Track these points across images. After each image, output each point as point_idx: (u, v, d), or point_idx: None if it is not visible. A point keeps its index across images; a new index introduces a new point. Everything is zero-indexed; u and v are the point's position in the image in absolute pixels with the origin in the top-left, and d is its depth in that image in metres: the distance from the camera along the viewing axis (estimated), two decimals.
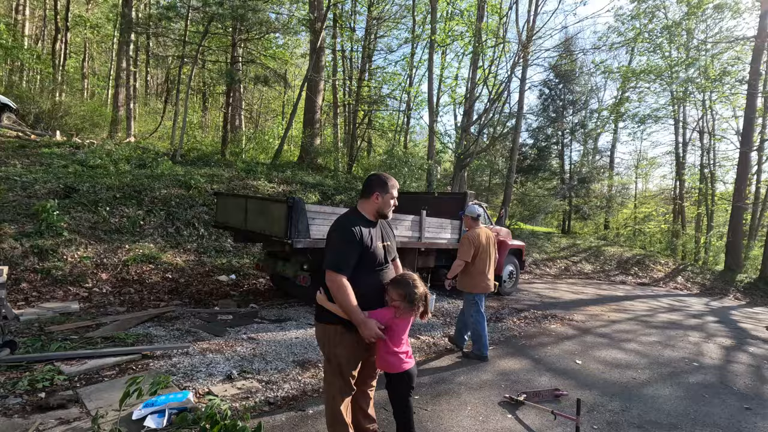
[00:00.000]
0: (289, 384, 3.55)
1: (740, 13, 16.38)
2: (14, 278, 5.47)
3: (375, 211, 2.37)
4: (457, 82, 18.80)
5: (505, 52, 13.15)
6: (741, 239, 15.95)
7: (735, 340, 6.64)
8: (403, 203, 8.05)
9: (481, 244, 4.64)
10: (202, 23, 14.40)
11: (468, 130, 14.49)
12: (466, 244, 4.64)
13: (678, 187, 23.21)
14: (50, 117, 14.18)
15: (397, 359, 2.29)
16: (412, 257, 6.56)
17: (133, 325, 4.67)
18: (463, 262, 4.63)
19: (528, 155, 22.85)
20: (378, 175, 2.42)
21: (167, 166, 10.50)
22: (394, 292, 2.23)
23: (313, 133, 16.08)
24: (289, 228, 4.84)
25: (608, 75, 21.44)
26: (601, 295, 10.18)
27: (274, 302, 6.35)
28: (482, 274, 4.64)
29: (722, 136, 21.33)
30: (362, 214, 2.38)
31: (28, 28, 22.08)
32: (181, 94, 15.78)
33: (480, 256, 4.64)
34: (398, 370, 2.31)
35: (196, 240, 8.10)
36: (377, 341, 2.23)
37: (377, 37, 20.86)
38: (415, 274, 2.31)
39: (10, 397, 2.93)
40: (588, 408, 3.53)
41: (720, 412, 3.74)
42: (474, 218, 4.82)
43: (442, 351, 4.85)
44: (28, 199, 7.13)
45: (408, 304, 2.20)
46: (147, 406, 2.79)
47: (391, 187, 2.38)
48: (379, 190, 2.35)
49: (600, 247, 17.16)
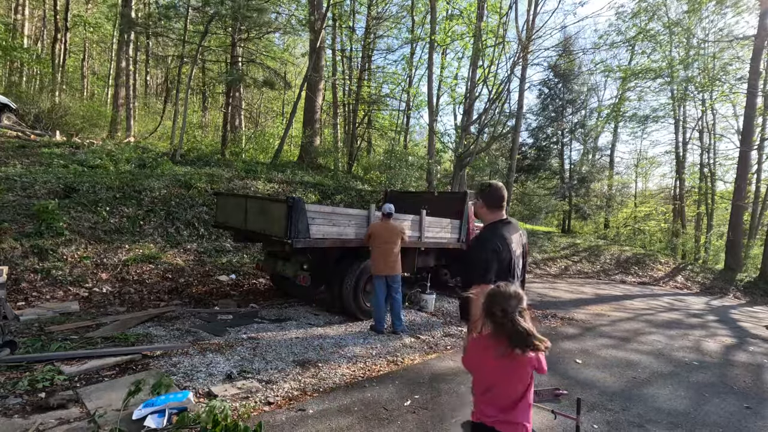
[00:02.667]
0: (289, 384, 3.55)
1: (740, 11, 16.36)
2: (14, 278, 5.46)
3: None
4: (456, 81, 18.80)
5: (505, 51, 13.13)
6: (741, 238, 15.95)
7: (735, 339, 6.64)
8: (403, 203, 8.07)
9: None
10: (201, 23, 14.39)
11: (468, 129, 14.48)
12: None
13: (678, 186, 23.22)
14: (50, 117, 14.17)
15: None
16: (412, 257, 6.55)
17: (133, 325, 4.67)
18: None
19: (528, 155, 22.83)
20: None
21: (167, 166, 10.49)
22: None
23: (313, 132, 16.08)
24: (289, 228, 4.84)
25: (608, 74, 21.47)
26: (601, 295, 10.18)
27: (274, 302, 6.35)
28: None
29: (722, 135, 21.37)
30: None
31: (28, 28, 22.06)
32: (181, 94, 15.78)
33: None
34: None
35: (196, 240, 8.10)
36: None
37: (377, 37, 20.85)
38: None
39: (11, 397, 2.93)
40: (588, 407, 3.53)
41: (720, 411, 3.74)
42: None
43: (441, 350, 4.85)
44: (27, 200, 7.12)
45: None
46: (147, 405, 2.79)
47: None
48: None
49: (600, 247, 17.16)
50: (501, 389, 1.68)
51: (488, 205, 2.36)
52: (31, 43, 22.03)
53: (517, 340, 1.60)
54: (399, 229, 5.32)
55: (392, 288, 5.27)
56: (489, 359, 1.67)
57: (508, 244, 2.22)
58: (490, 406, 1.69)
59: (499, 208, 2.37)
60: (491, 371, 1.70)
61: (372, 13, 19.35)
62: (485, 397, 1.72)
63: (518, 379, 1.66)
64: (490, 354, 1.65)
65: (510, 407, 1.66)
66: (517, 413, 1.66)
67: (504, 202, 2.37)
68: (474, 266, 2.17)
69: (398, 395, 3.49)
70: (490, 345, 1.67)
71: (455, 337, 5.41)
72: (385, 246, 5.20)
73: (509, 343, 1.61)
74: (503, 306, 1.66)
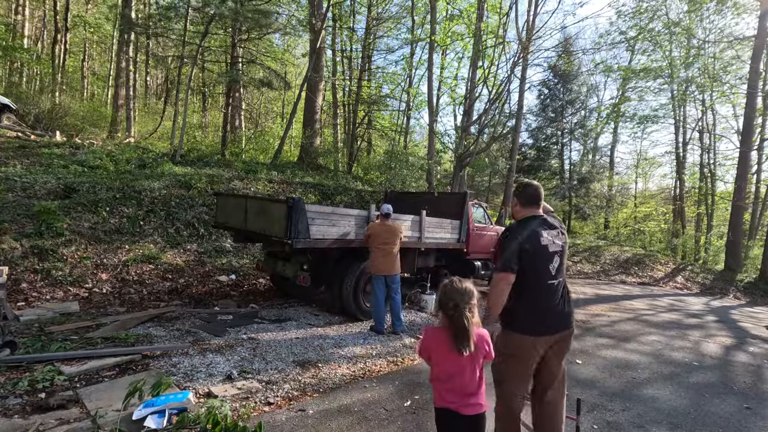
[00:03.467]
0: (289, 384, 3.55)
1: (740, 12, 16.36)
2: (14, 279, 5.46)
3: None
4: (456, 82, 18.79)
5: (505, 52, 13.13)
6: (741, 239, 15.94)
7: (735, 340, 6.64)
8: (403, 203, 8.08)
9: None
10: (201, 23, 14.40)
11: (468, 130, 14.48)
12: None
13: (678, 187, 23.22)
14: (50, 117, 14.17)
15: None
16: (412, 257, 6.55)
17: (133, 325, 4.67)
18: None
19: (528, 155, 22.84)
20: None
21: (167, 166, 10.50)
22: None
23: (313, 133, 16.08)
24: (289, 228, 4.84)
25: (608, 74, 21.48)
26: (601, 295, 10.18)
27: (274, 302, 6.35)
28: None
29: (722, 135, 21.37)
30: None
31: (28, 29, 22.06)
32: (181, 95, 15.79)
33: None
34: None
35: (196, 240, 8.10)
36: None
37: (377, 37, 20.86)
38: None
39: (11, 398, 2.93)
40: (588, 407, 3.53)
41: (720, 411, 3.74)
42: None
43: None
44: (28, 200, 7.13)
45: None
46: (147, 406, 2.79)
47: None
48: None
49: (600, 247, 17.16)
50: (461, 378, 1.82)
51: (521, 203, 2.49)
52: (31, 44, 22.04)
53: (459, 338, 1.77)
54: (398, 230, 5.33)
55: (392, 288, 5.27)
56: (444, 351, 1.82)
57: (537, 238, 2.30)
58: (451, 392, 1.83)
59: (533, 205, 2.46)
60: (450, 362, 1.82)
61: (372, 13, 19.36)
62: (447, 386, 1.84)
63: (474, 368, 1.83)
64: (446, 347, 1.80)
65: (471, 393, 1.82)
66: (478, 396, 1.83)
67: (538, 200, 2.46)
68: (498, 256, 2.32)
69: (398, 395, 3.49)
70: (444, 338, 1.83)
71: None
72: (384, 246, 5.21)
73: (454, 339, 1.78)
74: (456, 300, 1.80)
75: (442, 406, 1.86)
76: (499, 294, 2.25)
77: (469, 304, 1.80)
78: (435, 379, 1.90)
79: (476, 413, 1.81)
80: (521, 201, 2.49)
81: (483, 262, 7.95)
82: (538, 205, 2.47)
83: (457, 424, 1.82)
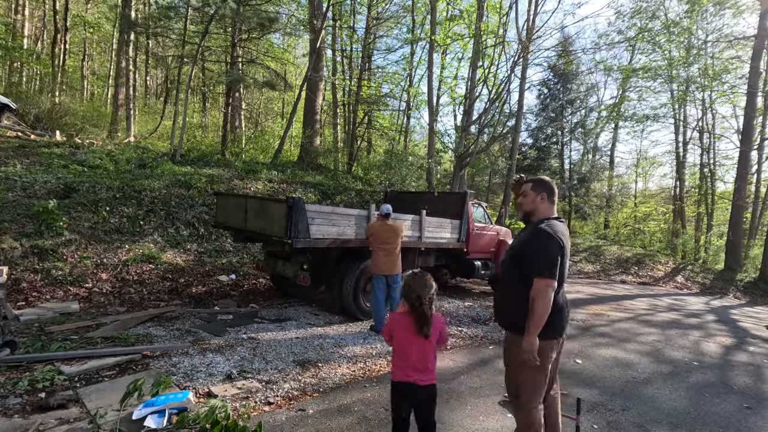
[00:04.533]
0: (289, 384, 3.55)
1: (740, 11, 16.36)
2: (14, 278, 5.46)
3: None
4: (456, 81, 18.79)
5: (505, 51, 13.13)
6: (741, 238, 15.95)
7: (735, 340, 6.64)
8: (403, 203, 8.08)
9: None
10: (201, 23, 14.39)
11: (468, 129, 14.48)
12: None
13: (678, 186, 23.21)
14: (50, 117, 14.16)
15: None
16: (412, 257, 6.55)
17: (133, 325, 4.67)
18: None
19: (528, 155, 22.83)
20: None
21: (167, 166, 10.49)
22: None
23: (313, 133, 16.08)
24: (289, 228, 4.84)
25: (608, 74, 21.48)
26: (601, 295, 10.18)
27: (274, 302, 6.35)
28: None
29: (722, 135, 21.35)
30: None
31: (28, 28, 22.05)
32: (181, 94, 15.77)
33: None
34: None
35: (196, 240, 8.10)
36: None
37: (377, 37, 20.84)
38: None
39: (11, 397, 2.93)
40: (588, 407, 3.53)
41: (720, 411, 3.74)
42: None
43: (442, 350, 4.85)
44: (27, 200, 7.12)
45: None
46: (147, 406, 2.79)
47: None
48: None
49: (600, 247, 17.16)
50: (419, 356, 2.19)
51: (549, 199, 2.35)
52: (31, 44, 22.03)
53: (422, 325, 2.14)
54: (398, 229, 5.32)
55: (392, 288, 5.27)
56: (408, 334, 2.19)
57: (567, 238, 2.28)
58: (410, 368, 2.20)
59: (554, 204, 2.39)
60: (410, 344, 2.20)
61: (372, 13, 19.35)
62: (406, 363, 2.21)
63: (430, 348, 2.21)
64: (409, 331, 2.17)
65: (426, 368, 2.20)
66: (432, 371, 2.22)
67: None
68: (541, 259, 2.13)
69: None
70: (407, 323, 2.19)
71: (455, 338, 5.40)
72: (386, 246, 5.21)
73: (416, 325, 2.15)
74: (419, 293, 2.13)
75: (402, 380, 2.21)
76: (548, 303, 2.10)
77: (429, 295, 2.15)
78: (398, 358, 2.24)
79: (431, 383, 2.22)
80: (549, 196, 2.34)
81: (483, 261, 7.95)
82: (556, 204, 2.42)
83: (415, 393, 2.20)
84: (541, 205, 2.34)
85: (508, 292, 2.36)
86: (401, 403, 2.25)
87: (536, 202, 2.35)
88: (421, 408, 2.23)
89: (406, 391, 2.21)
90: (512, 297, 2.29)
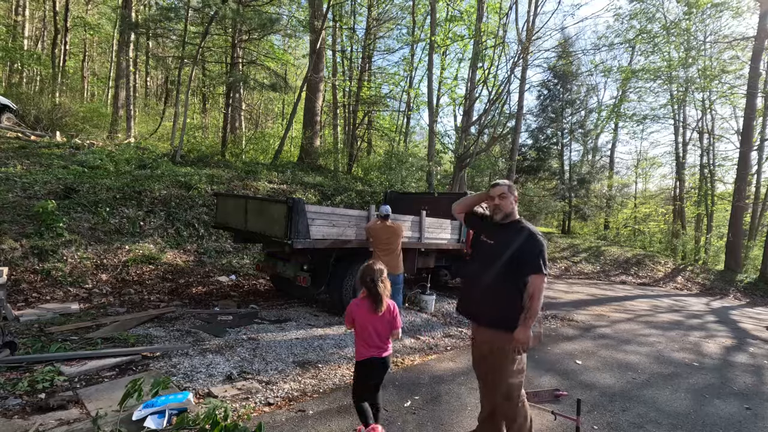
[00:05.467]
0: (289, 384, 3.55)
1: (740, 13, 16.39)
2: (14, 279, 5.47)
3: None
4: (456, 82, 18.80)
5: (505, 52, 13.14)
6: (741, 239, 15.95)
7: (735, 340, 6.64)
8: (403, 204, 8.08)
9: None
10: (202, 24, 14.40)
11: (468, 130, 14.49)
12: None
13: (678, 187, 23.22)
14: (50, 118, 14.15)
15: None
16: (412, 257, 6.55)
17: (133, 325, 4.67)
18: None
19: (528, 155, 22.85)
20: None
21: (167, 166, 10.49)
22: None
23: (313, 133, 16.08)
24: (289, 229, 4.84)
25: (608, 74, 21.49)
26: (601, 295, 10.18)
27: (274, 303, 6.34)
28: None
29: (722, 135, 21.37)
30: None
31: (28, 29, 22.06)
32: (181, 95, 15.77)
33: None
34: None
35: (196, 240, 8.10)
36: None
37: (377, 37, 20.86)
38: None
39: (10, 398, 2.92)
40: (588, 408, 3.53)
41: (720, 412, 3.74)
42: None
43: (441, 351, 4.85)
44: (28, 200, 7.13)
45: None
46: (147, 406, 2.78)
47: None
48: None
49: (600, 248, 17.16)
50: (376, 333, 2.62)
51: (516, 202, 2.61)
52: (31, 45, 22.04)
53: (376, 303, 2.57)
54: (399, 229, 5.33)
55: (393, 289, 5.26)
56: (366, 315, 2.60)
57: None
58: (372, 346, 2.62)
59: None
60: (368, 323, 2.60)
61: (372, 14, 19.38)
62: (367, 342, 2.62)
63: (385, 325, 2.64)
64: (368, 311, 2.59)
65: (381, 343, 2.64)
66: (386, 345, 2.66)
67: None
68: (541, 257, 2.34)
69: (398, 396, 3.49)
70: (366, 305, 2.60)
71: (455, 338, 5.40)
72: (386, 247, 5.21)
73: (373, 303, 2.57)
74: (372, 276, 2.58)
75: (365, 358, 2.62)
76: (542, 296, 2.36)
77: (381, 278, 2.59)
78: (359, 339, 2.64)
79: (387, 355, 2.66)
80: (516, 198, 2.62)
81: None
82: None
83: (375, 365, 2.63)
84: (514, 205, 2.57)
85: (496, 291, 2.44)
86: (367, 377, 2.66)
87: (514, 204, 2.57)
88: (381, 375, 2.70)
89: (369, 366, 2.63)
90: (502, 296, 2.41)
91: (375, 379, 2.68)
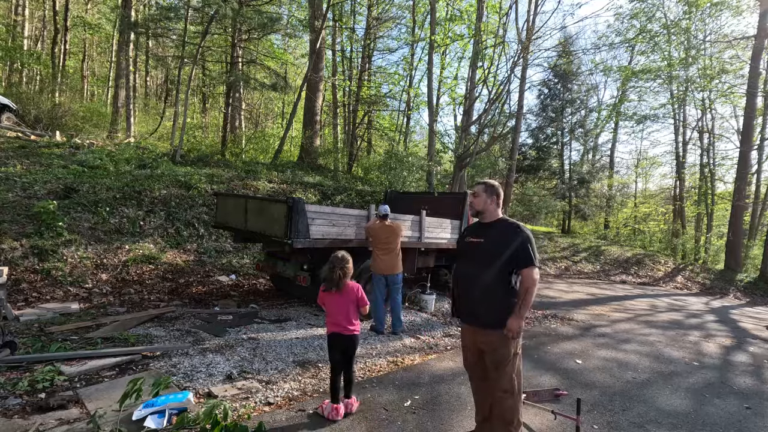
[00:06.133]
0: (289, 384, 3.55)
1: (739, 12, 16.38)
2: (14, 279, 5.47)
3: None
4: (456, 82, 18.81)
5: (505, 52, 13.14)
6: (741, 238, 15.96)
7: (735, 340, 6.64)
8: (403, 203, 8.07)
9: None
10: (201, 23, 14.40)
11: (468, 130, 14.49)
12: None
13: (678, 187, 23.22)
14: (50, 117, 14.15)
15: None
16: (412, 257, 6.55)
17: (133, 325, 4.67)
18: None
19: (528, 155, 22.84)
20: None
21: (167, 166, 10.49)
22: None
23: (313, 133, 16.08)
24: (289, 228, 4.84)
25: (608, 74, 21.50)
26: (601, 295, 10.18)
27: (275, 302, 6.34)
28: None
29: (722, 135, 21.37)
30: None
31: (28, 29, 22.06)
32: (181, 95, 15.77)
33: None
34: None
35: (196, 240, 8.10)
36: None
37: (377, 37, 20.85)
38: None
39: (10, 398, 2.93)
40: (588, 408, 3.53)
41: (720, 411, 3.74)
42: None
43: (441, 351, 4.85)
44: (27, 200, 7.12)
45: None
46: (147, 406, 2.79)
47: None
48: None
49: (600, 247, 17.17)
50: (339, 310, 3.04)
51: (499, 203, 2.65)
52: (31, 44, 22.04)
53: (330, 283, 3.02)
54: (398, 229, 5.33)
55: (393, 288, 5.27)
56: (328, 295, 3.06)
57: None
58: (337, 324, 3.04)
59: (500, 206, 2.69)
60: (334, 304, 3.05)
61: (372, 13, 19.37)
62: (333, 319, 3.05)
63: (348, 305, 3.05)
64: (329, 293, 3.04)
65: (349, 323, 3.04)
66: (354, 326, 3.06)
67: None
68: (532, 251, 2.44)
69: (398, 395, 3.49)
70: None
71: (455, 338, 5.40)
72: (385, 246, 5.21)
73: (332, 284, 3.01)
74: (333, 264, 3.02)
75: (332, 332, 3.07)
76: (536, 288, 2.45)
77: (338, 264, 3.01)
78: (328, 317, 3.09)
79: (352, 334, 3.05)
80: (497, 199, 2.63)
81: None
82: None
83: (341, 341, 3.05)
84: (491, 207, 2.61)
85: (492, 290, 2.47)
86: (332, 347, 3.09)
87: (492, 206, 2.61)
88: (346, 351, 3.07)
89: (335, 339, 3.06)
90: (495, 294, 2.46)
91: (339, 351, 3.05)
